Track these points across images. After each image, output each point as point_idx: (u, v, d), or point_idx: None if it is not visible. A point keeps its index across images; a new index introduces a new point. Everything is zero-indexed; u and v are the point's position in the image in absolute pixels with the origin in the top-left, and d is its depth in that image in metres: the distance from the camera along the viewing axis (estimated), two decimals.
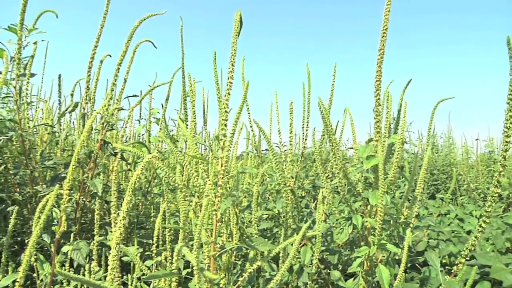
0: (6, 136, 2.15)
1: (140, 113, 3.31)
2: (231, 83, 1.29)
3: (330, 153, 1.58)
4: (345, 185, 1.69)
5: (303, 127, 2.37)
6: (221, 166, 1.24)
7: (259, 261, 1.38)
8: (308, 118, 2.32)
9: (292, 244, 1.34)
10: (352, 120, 2.01)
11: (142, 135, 3.27)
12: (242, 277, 1.35)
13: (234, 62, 1.30)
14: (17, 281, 1.30)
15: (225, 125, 1.26)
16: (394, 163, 1.60)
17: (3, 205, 2.16)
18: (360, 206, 1.74)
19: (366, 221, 1.67)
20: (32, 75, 2.22)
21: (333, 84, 2.31)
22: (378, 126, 1.65)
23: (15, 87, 2.11)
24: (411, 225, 1.76)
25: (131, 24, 2.14)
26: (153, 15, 2.15)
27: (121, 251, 1.57)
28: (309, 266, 1.71)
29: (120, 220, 0.89)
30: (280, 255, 1.57)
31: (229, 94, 1.28)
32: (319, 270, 1.73)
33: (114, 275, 0.98)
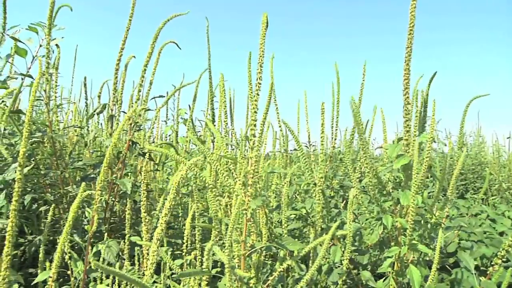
0: (38, 138, 2.20)
1: (167, 114, 3.35)
2: (260, 83, 1.30)
3: (360, 152, 1.56)
4: (375, 184, 1.67)
5: (332, 127, 2.36)
6: (251, 166, 1.24)
7: (289, 260, 1.37)
8: (337, 117, 2.31)
9: (322, 244, 1.33)
10: (384, 119, 1.99)
11: (169, 135, 3.30)
12: (272, 276, 1.35)
13: (263, 63, 1.31)
14: (50, 277, 1.34)
15: (255, 125, 1.26)
16: (424, 162, 1.57)
17: (36, 205, 2.21)
18: (390, 206, 1.72)
19: (396, 221, 1.65)
20: (50, 75, 2.26)
21: (362, 83, 2.29)
22: (407, 125, 1.62)
23: (45, 90, 2.15)
24: (442, 225, 1.73)
25: (155, 25, 2.16)
26: (177, 16, 2.16)
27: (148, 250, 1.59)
28: (339, 266, 1.70)
29: (162, 217, 0.90)
30: (310, 254, 1.57)
31: (258, 94, 1.28)
32: (348, 270, 1.71)
33: (152, 270, 0.99)
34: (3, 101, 2.34)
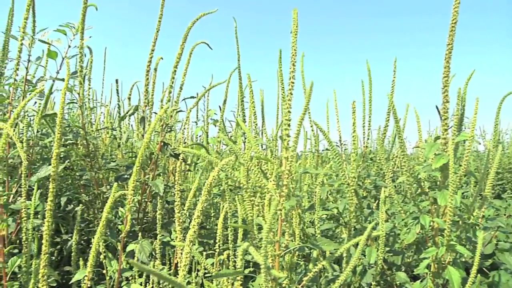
0: (72, 140, 2.24)
1: (197, 115, 3.36)
2: (293, 83, 1.28)
3: (398, 152, 1.53)
4: (412, 184, 1.64)
5: (363, 126, 2.32)
6: (285, 166, 1.22)
7: (323, 261, 1.35)
8: (370, 116, 2.27)
9: (356, 245, 1.31)
10: (418, 118, 1.95)
11: (199, 136, 3.31)
12: (306, 276, 1.33)
13: (295, 62, 1.29)
14: (86, 276, 1.35)
15: (289, 125, 1.25)
16: (464, 162, 1.53)
17: (72, 206, 2.25)
18: (427, 205, 1.68)
19: (433, 221, 1.61)
20: (83, 77, 2.29)
21: (393, 80, 2.24)
22: (445, 123, 1.59)
23: (79, 93, 2.19)
24: (479, 226, 1.68)
25: (183, 25, 2.17)
26: (205, 14, 2.16)
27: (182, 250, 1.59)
28: (373, 266, 1.67)
29: (195, 219, 0.89)
30: (344, 255, 1.54)
31: (291, 94, 1.27)
32: (382, 271, 1.68)
33: (187, 272, 0.99)
34: (35, 103, 2.40)
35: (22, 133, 2.00)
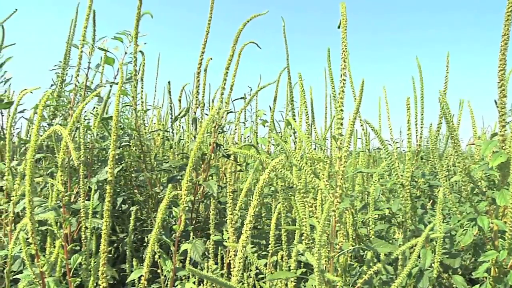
0: (126, 142, 2.32)
1: (245, 116, 3.39)
2: (344, 80, 1.26)
3: (452, 150, 1.48)
4: (467, 183, 1.58)
5: (415, 124, 2.26)
6: (338, 166, 1.21)
7: (378, 263, 1.33)
8: (422, 114, 2.20)
9: (412, 246, 1.28)
10: (472, 114, 1.87)
11: (248, 136, 3.33)
12: (361, 279, 1.31)
13: (346, 58, 1.27)
14: (143, 276, 1.39)
15: (341, 124, 1.23)
16: None
17: (126, 206, 2.33)
18: (484, 206, 1.61)
19: (492, 223, 1.54)
20: (137, 81, 2.35)
21: (446, 75, 2.17)
22: (503, 119, 1.52)
23: (133, 97, 2.26)
24: None
25: (229, 25, 2.18)
26: (256, 16, 2.17)
27: (235, 251, 1.61)
28: (428, 269, 1.62)
29: (247, 224, 0.90)
30: (400, 257, 1.51)
31: (343, 91, 1.25)
32: (438, 274, 1.63)
33: (240, 276, 1.00)
34: (94, 107, 2.49)
35: (82, 137, 2.08)
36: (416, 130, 2.28)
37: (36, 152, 1.20)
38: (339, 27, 1.26)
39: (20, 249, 1.61)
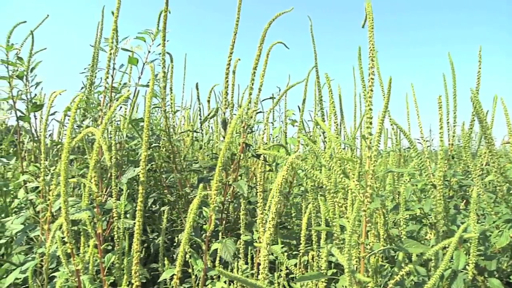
0: (156, 143, 2.35)
1: (273, 116, 3.39)
2: (373, 79, 1.25)
3: (485, 149, 1.44)
4: (502, 183, 1.54)
5: (447, 122, 2.21)
6: (369, 166, 1.20)
7: (410, 264, 1.31)
8: (455, 112, 2.16)
9: (445, 248, 1.25)
10: (506, 111, 1.82)
11: (276, 136, 3.33)
12: (393, 279, 1.29)
13: (374, 57, 1.25)
14: (175, 275, 1.41)
15: (371, 122, 1.22)
16: None
17: (157, 206, 2.36)
18: None
19: None
20: (166, 83, 2.38)
21: (479, 72, 2.12)
22: None
23: (163, 98, 2.29)
24: None
25: (256, 25, 2.18)
26: (281, 14, 2.16)
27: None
28: (462, 271, 1.58)
29: (270, 221, 0.90)
30: (432, 258, 1.48)
31: (371, 90, 1.24)
32: (473, 276, 1.59)
33: (266, 274, 1.00)
34: (121, 108, 2.53)
35: (111, 137, 2.12)
36: (448, 129, 2.23)
37: (70, 153, 1.23)
38: (363, 26, 1.25)
39: (57, 247, 1.65)
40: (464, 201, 2.12)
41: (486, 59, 2.22)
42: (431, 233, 1.92)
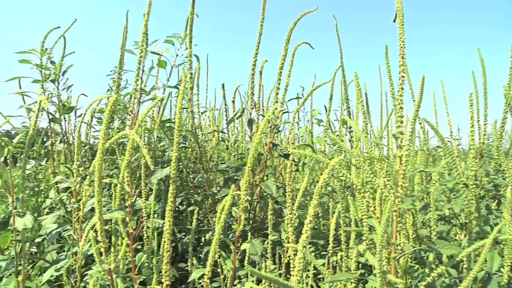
0: (184, 144, 2.38)
1: (298, 116, 3.38)
2: (403, 77, 1.24)
3: None
4: None
5: (478, 120, 2.17)
6: (399, 165, 1.19)
7: (442, 265, 1.29)
8: (486, 110, 2.11)
9: (477, 249, 1.23)
10: None
11: (301, 136, 3.33)
12: (424, 281, 1.28)
13: (404, 54, 1.24)
14: (205, 274, 1.43)
15: (401, 121, 1.21)
16: None
17: (184, 206, 2.38)
18: None
19: None
20: (176, 87, 2.40)
21: (511, 68, 2.07)
22: None
23: (190, 99, 2.32)
24: None
25: (281, 26, 2.18)
26: (306, 13, 2.15)
27: (294, 251, 1.61)
28: (497, 273, 1.55)
29: (307, 224, 0.90)
30: (464, 259, 1.46)
31: (402, 89, 1.23)
32: (509, 279, 1.56)
33: (300, 276, 1.00)
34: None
35: (144, 139, 2.16)
36: (479, 127, 2.18)
37: (103, 155, 1.26)
38: (394, 20, 1.24)
39: (89, 246, 1.69)
40: (496, 201, 2.08)
41: None
42: (461, 234, 1.89)
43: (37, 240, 1.90)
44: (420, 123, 2.50)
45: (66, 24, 2.55)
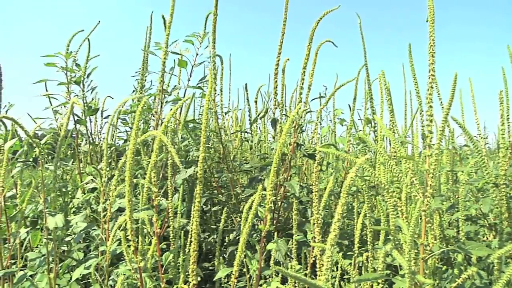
0: (208, 144, 2.39)
1: (321, 115, 3.36)
2: (433, 75, 1.22)
3: None
4: None
5: (507, 119, 2.12)
6: (429, 164, 1.18)
7: (472, 267, 1.27)
8: None
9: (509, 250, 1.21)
10: None
11: (324, 136, 3.32)
12: (453, 282, 1.26)
13: (434, 52, 1.23)
14: (233, 274, 1.43)
15: (431, 120, 1.19)
16: None
17: (208, 206, 2.40)
18: None
19: None
20: (199, 87, 2.41)
21: None
22: None
23: (213, 100, 2.33)
24: None
25: (301, 25, 2.17)
26: (329, 12, 2.14)
27: (321, 251, 1.61)
28: None
29: (335, 223, 0.90)
30: (495, 261, 1.43)
31: (431, 87, 1.21)
32: None
33: (328, 276, 1.00)
34: (171, 109, 2.59)
35: (169, 139, 2.17)
36: (509, 125, 2.14)
37: (134, 154, 1.27)
38: (427, 20, 1.23)
39: (117, 245, 1.72)
40: None
41: None
42: (489, 235, 1.86)
43: (67, 239, 1.94)
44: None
45: (90, 26, 2.60)
